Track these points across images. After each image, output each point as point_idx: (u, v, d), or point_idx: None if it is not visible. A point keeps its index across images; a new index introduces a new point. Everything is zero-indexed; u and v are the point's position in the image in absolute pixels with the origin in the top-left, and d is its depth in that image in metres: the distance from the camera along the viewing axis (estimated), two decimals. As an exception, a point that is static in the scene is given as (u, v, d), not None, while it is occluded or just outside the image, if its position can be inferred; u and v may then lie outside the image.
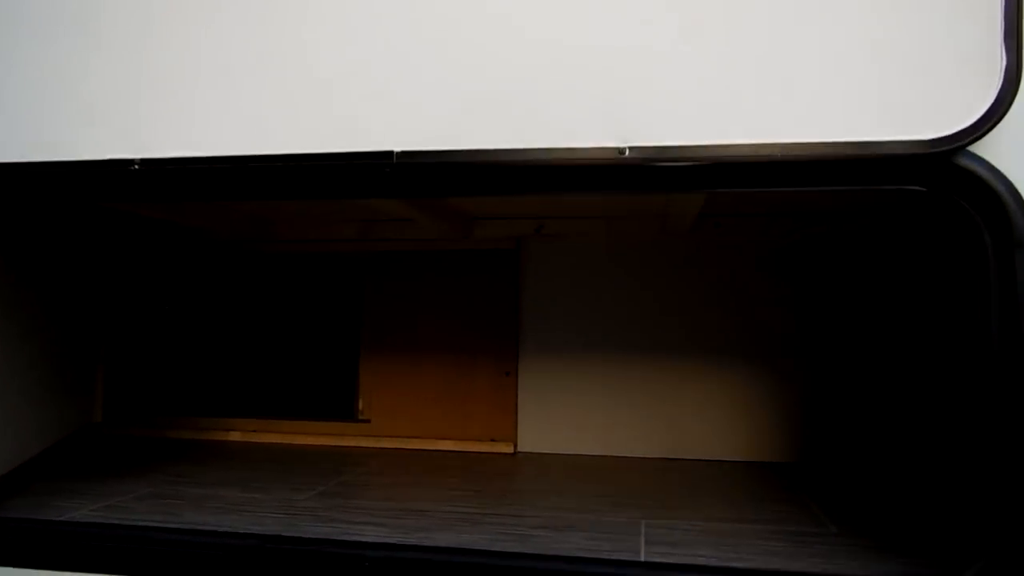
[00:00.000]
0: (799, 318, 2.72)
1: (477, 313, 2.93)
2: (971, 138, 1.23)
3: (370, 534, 1.70)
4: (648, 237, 2.80)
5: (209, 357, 3.14)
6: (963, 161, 1.26)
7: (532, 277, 2.91)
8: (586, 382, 2.87)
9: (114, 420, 3.15)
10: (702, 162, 1.28)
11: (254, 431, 3.05)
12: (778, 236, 2.69)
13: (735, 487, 2.37)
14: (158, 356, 3.18)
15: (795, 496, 2.22)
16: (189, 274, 3.18)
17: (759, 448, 2.74)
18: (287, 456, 2.75)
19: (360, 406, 3.04)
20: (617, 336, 2.85)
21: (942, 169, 1.27)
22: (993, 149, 1.26)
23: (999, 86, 1.22)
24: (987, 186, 1.25)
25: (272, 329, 3.09)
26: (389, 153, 1.37)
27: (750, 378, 2.76)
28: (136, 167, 1.41)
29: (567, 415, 2.88)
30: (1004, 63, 1.22)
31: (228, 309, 3.12)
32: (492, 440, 2.90)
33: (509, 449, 2.88)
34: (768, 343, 2.75)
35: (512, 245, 2.90)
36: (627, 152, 1.28)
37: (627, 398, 2.84)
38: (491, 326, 2.92)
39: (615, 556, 1.55)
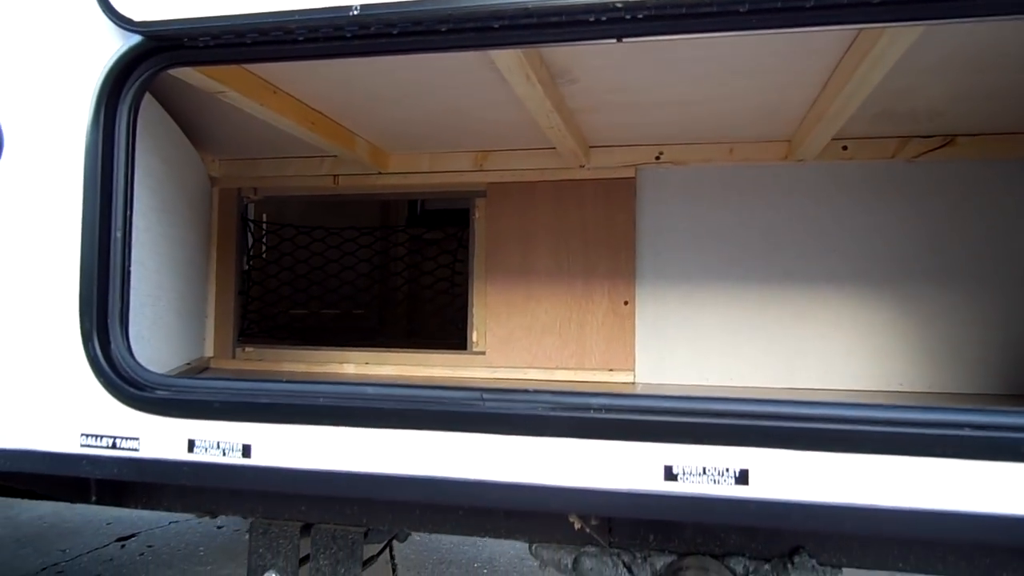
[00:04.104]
0: (931, 244, 2.67)
1: (594, 243, 2.91)
2: None
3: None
4: (772, 162, 2.77)
5: (319, 291, 3.16)
6: None
7: (650, 205, 2.89)
8: (705, 311, 2.84)
9: (223, 353, 3.18)
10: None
11: (367, 363, 3.05)
12: (905, 157, 2.66)
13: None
14: (266, 291, 3.20)
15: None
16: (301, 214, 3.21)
17: (886, 377, 2.69)
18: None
19: (474, 338, 3.03)
20: (736, 264, 2.82)
21: None
22: None
23: None
24: None
25: (385, 263, 3.11)
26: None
27: (872, 306, 2.72)
28: (355, 12, 1.40)
29: (686, 345, 2.85)
30: None
31: (341, 243, 3.14)
32: (610, 370, 2.88)
33: (629, 379, 2.85)
34: (892, 270, 2.71)
35: (631, 173, 2.89)
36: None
37: (747, 328, 2.81)
38: (608, 256, 2.90)
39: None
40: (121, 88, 1.56)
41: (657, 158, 2.85)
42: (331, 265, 3.52)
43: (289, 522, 2.04)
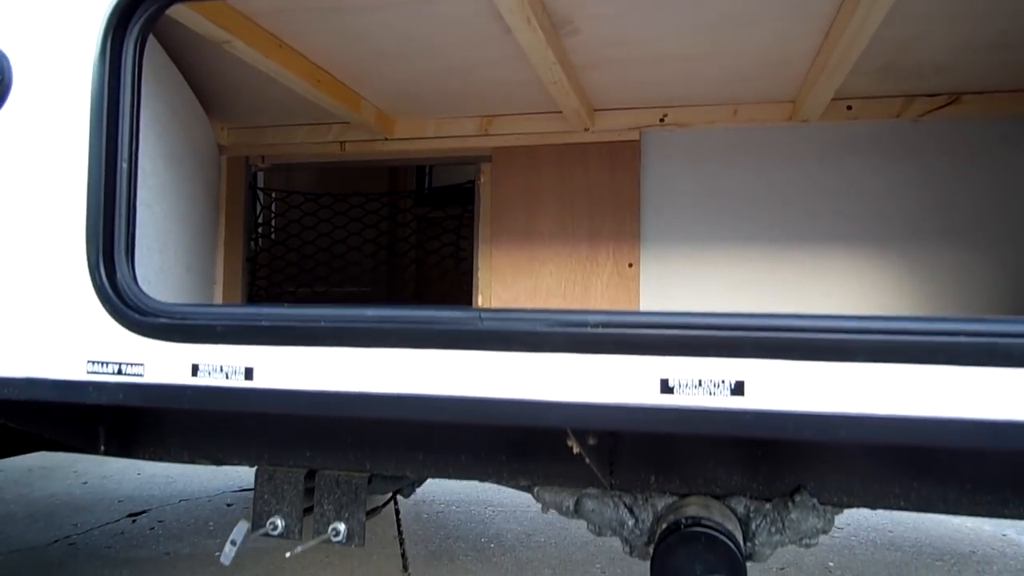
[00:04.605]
0: (937, 204, 2.67)
1: (598, 206, 2.92)
2: None
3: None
4: (777, 123, 2.78)
5: (326, 257, 3.19)
6: None
7: (654, 168, 2.90)
8: (709, 273, 2.84)
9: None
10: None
11: (374, 327, 3.06)
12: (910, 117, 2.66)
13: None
14: (273, 258, 3.23)
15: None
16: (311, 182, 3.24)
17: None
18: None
19: (479, 301, 3.05)
20: (741, 226, 2.82)
21: None
22: None
23: None
24: None
25: (393, 228, 3.13)
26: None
27: (879, 266, 2.71)
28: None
29: (690, 306, 2.85)
30: None
31: (348, 209, 3.17)
32: (615, 332, 2.88)
33: (632, 340, 2.86)
34: (898, 230, 2.70)
35: (635, 136, 2.90)
36: None
37: (752, 289, 2.81)
38: (613, 218, 2.91)
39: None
40: (128, 22, 1.58)
41: (661, 120, 2.86)
42: (338, 232, 3.55)
43: (294, 469, 2.06)
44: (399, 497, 4.16)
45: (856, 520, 4.10)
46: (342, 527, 2.03)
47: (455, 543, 3.70)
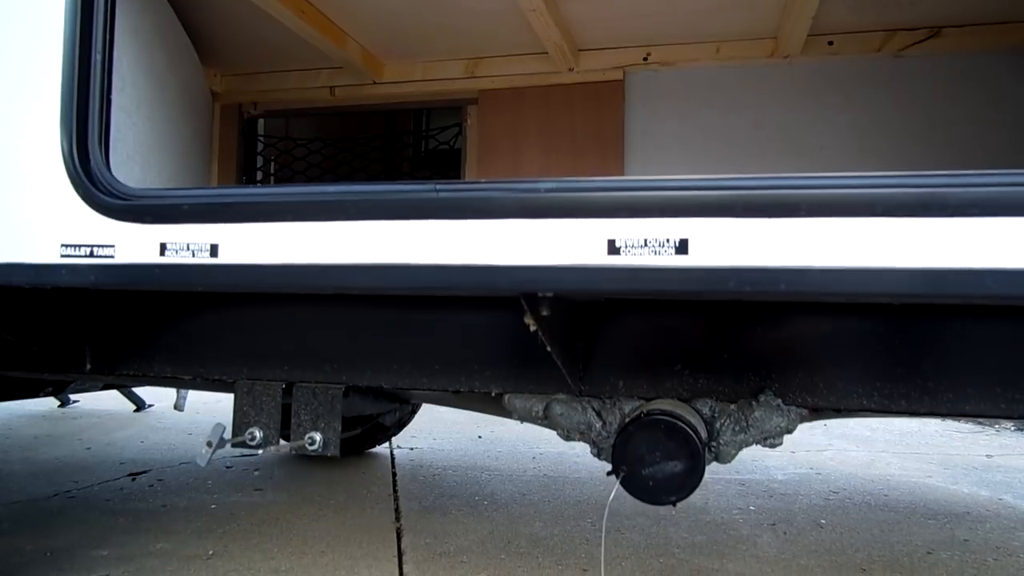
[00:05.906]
0: (918, 139, 2.68)
1: (583, 147, 2.95)
2: None
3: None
4: (759, 60, 2.79)
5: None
6: None
7: (638, 108, 2.92)
8: (693, 213, 2.86)
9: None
10: None
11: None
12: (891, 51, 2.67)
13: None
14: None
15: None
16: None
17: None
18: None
19: (465, 242, 3.08)
20: (725, 165, 2.84)
21: None
22: None
23: None
24: None
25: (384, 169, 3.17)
26: None
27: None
28: None
29: (673, 246, 2.87)
30: None
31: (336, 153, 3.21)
32: (598, 270, 2.91)
33: (616, 278, 2.88)
34: (881, 167, 2.71)
35: (619, 76, 2.92)
36: None
37: (734, 228, 2.82)
38: (597, 160, 2.93)
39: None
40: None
41: (644, 59, 2.88)
42: (327, 177, 3.59)
43: (272, 382, 2.11)
44: (396, 461, 4.21)
45: (852, 485, 4.11)
46: (318, 436, 2.07)
47: (449, 500, 3.73)
